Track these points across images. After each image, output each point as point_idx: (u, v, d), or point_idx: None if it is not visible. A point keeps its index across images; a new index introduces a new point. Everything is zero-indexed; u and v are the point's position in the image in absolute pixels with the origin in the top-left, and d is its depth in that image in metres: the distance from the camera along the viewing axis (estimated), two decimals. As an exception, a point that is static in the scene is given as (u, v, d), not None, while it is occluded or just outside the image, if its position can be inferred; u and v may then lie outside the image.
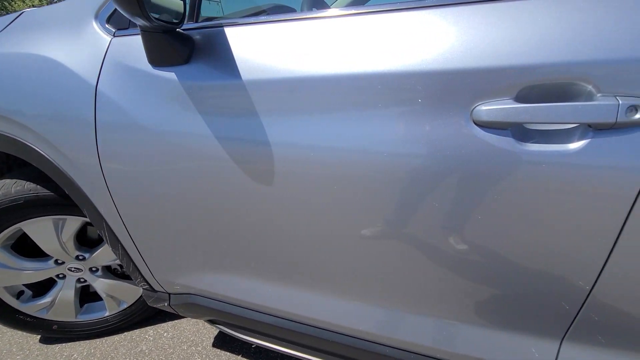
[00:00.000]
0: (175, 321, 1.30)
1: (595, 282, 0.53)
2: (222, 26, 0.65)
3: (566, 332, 0.59)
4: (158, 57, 0.66)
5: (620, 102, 0.45)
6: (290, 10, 1.04)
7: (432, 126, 0.53)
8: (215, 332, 1.25)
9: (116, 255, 0.93)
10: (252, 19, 0.64)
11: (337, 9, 0.60)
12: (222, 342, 1.20)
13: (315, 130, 0.59)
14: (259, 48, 0.62)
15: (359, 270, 0.68)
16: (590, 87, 0.46)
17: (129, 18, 0.54)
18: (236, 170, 0.66)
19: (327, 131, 0.58)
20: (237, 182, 0.67)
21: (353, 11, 0.59)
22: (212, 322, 0.97)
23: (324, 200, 0.62)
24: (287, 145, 0.61)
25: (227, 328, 0.96)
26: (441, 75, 0.52)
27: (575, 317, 0.58)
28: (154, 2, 0.57)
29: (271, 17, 0.63)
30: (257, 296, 0.81)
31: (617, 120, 0.45)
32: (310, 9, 0.92)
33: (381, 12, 0.57)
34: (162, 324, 1.29)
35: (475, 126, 0.52)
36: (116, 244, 0.89)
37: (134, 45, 0.70)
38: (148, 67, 0.68)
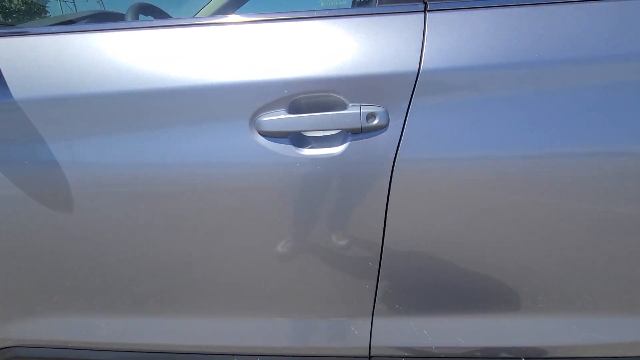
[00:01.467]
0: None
1: (380, 259, 0.63)
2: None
3: (374, 307, 0.69)
4: None
5: (361, 110, 0.53)
6: (117, 18, 0.98)
7: (224, 137, 0.56)
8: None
9: None
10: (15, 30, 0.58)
11: (124, 23, 0.58)
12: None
13: (102, 148, 0.56)
14: (35, 61, 0.56)
15: (189, 287, 0.67)
16: (342, 98, 0.55)
17: None
18: (24, 197, 0.58)
19: (121, 149, 0.56)
20: (30, 209, 0.59)
21: (146, 25, 0.58)
22: (50, 373, 0.85)
23: (129, 220, 0.60)
24: (69, 165, 0.57)
25: (70, 375, 0.84)
26: (225, 90, 0.55)
27: (375, 294, 0.67)
28: None
29: (51, 29, 0.58)
30: (90, 333, 0.73)
31: (362, 125, 0.54)
32: (134, 18, 0.88)
33: (173, 26, 0.57)
34: (3, 388, 1.07)
35: (259, 136, 0.56)
36: None
37: None
38: None
